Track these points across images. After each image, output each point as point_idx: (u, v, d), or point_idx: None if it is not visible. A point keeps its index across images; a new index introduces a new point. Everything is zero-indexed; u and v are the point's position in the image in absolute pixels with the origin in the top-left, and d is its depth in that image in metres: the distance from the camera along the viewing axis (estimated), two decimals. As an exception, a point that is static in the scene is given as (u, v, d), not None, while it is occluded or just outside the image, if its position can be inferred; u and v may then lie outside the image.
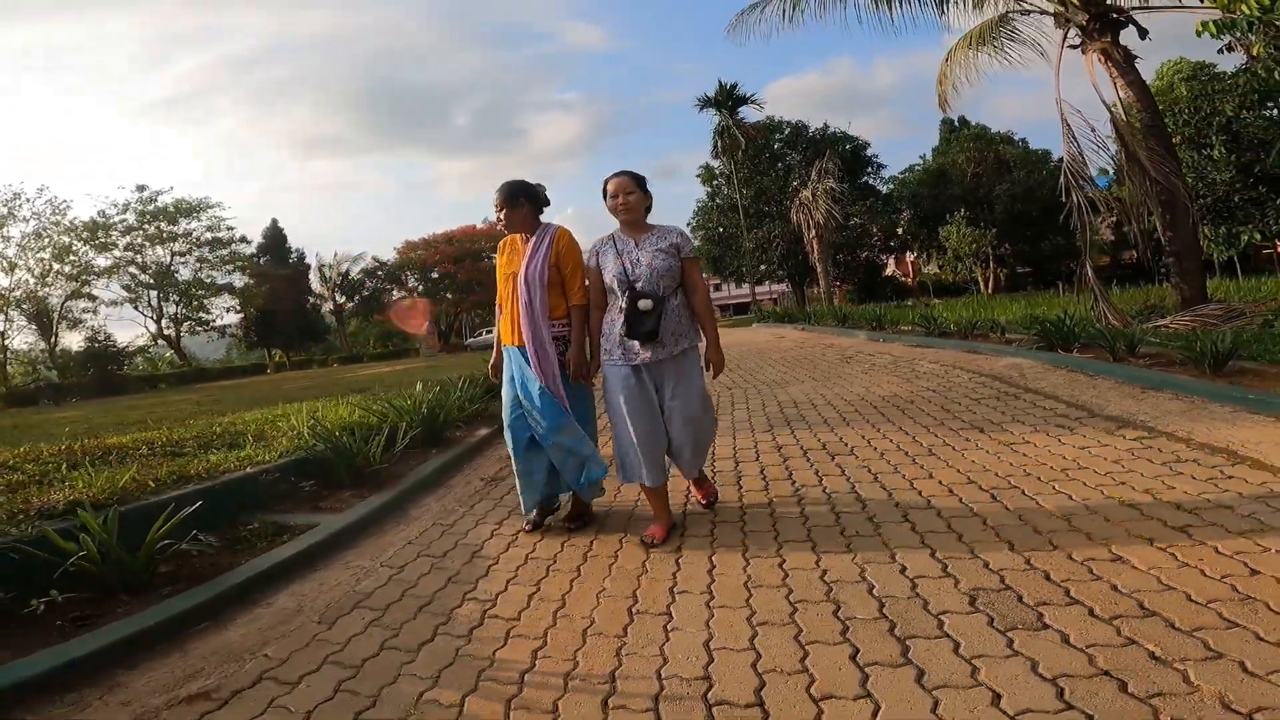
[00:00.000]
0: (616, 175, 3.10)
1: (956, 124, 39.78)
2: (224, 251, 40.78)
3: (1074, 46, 9.53)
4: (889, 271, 41.68)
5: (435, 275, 51.38)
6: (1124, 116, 8.83)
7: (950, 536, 2.72)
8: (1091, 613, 2.03)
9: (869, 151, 37.67)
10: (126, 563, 2.74)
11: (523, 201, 3.18)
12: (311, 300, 49.94)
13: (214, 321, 41.70)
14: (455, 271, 49.41)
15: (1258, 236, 11.59)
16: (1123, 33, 9.18)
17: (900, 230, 35.73)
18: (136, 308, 38.81)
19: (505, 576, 2.83)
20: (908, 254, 41.22)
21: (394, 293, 54.32)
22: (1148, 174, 8.43)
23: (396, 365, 26.12)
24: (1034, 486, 3.20)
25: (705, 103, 33.39)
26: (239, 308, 42.56)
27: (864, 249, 36.47)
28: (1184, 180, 8.93)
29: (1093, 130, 8.88)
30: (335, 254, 50.10)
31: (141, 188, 36.95)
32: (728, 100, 32.68)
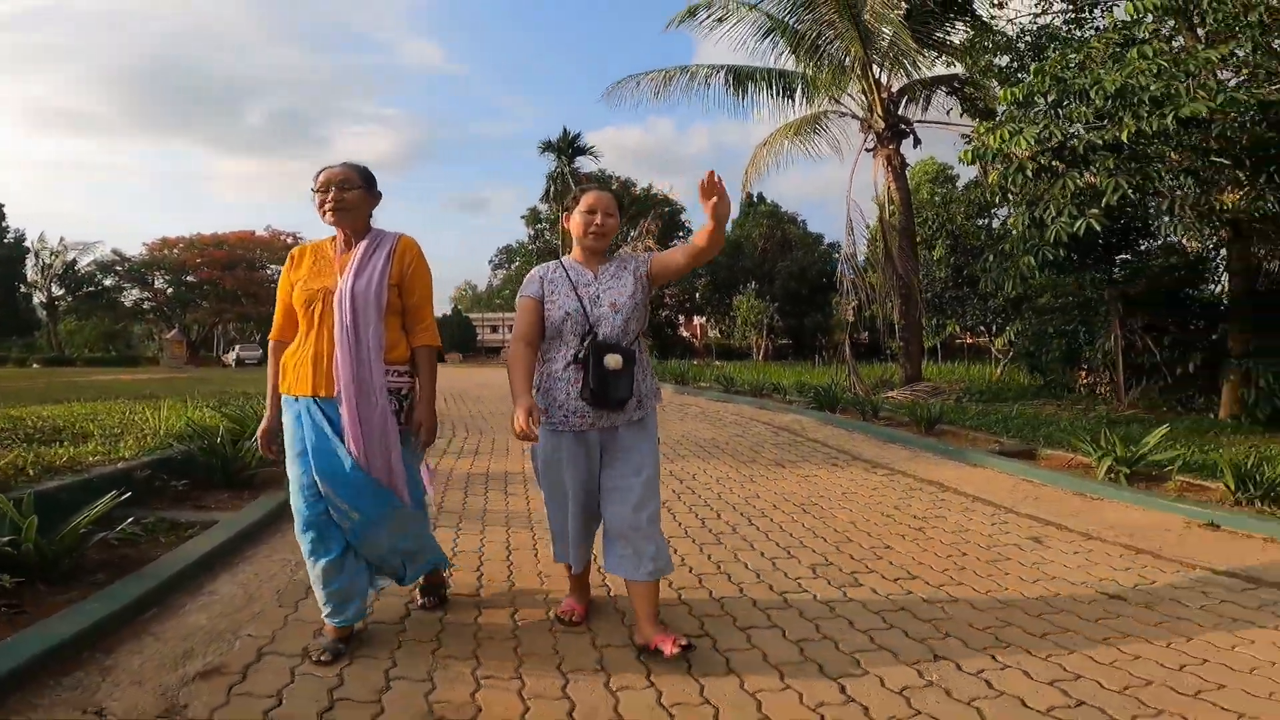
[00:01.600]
0: (597, 190, 2.43)
1: (756, 199, 45.52)
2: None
3: (868, 150, 11.93)
4: (682, 331, 45.56)
5: (191, 279, 45.45)
6: (889, 217, 11.44)
7: (783, 534, 3.78)
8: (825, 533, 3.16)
9: (683, 216, 41.53)
10: (45, 550, 2.71)
11: (376, 193, 2.34)
12: (23, 289, 41.19)
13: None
14: (221, 279, 44.12)
15: (957, 328, 15.42)
16: (904, 142, 11.76)
17: (697, 295, 39.64)
18: None
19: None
20: (697, 318, 45.58)
21: (135, 292, 46.89)
22: (895, 268, 11.02)
23: (137, 373, 22.76)
24: (826, 504, 4.44)
25: (546, 146, 34.46)
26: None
27: (664, 309, 39.72)
28: (918, 276, 11.75)
29: (866, 226, 11.40)
30: (62, 239, 42.05)
31: None
32: (568, 148, 34.07)
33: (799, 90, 12.19)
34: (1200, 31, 6.24)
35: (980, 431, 6.60)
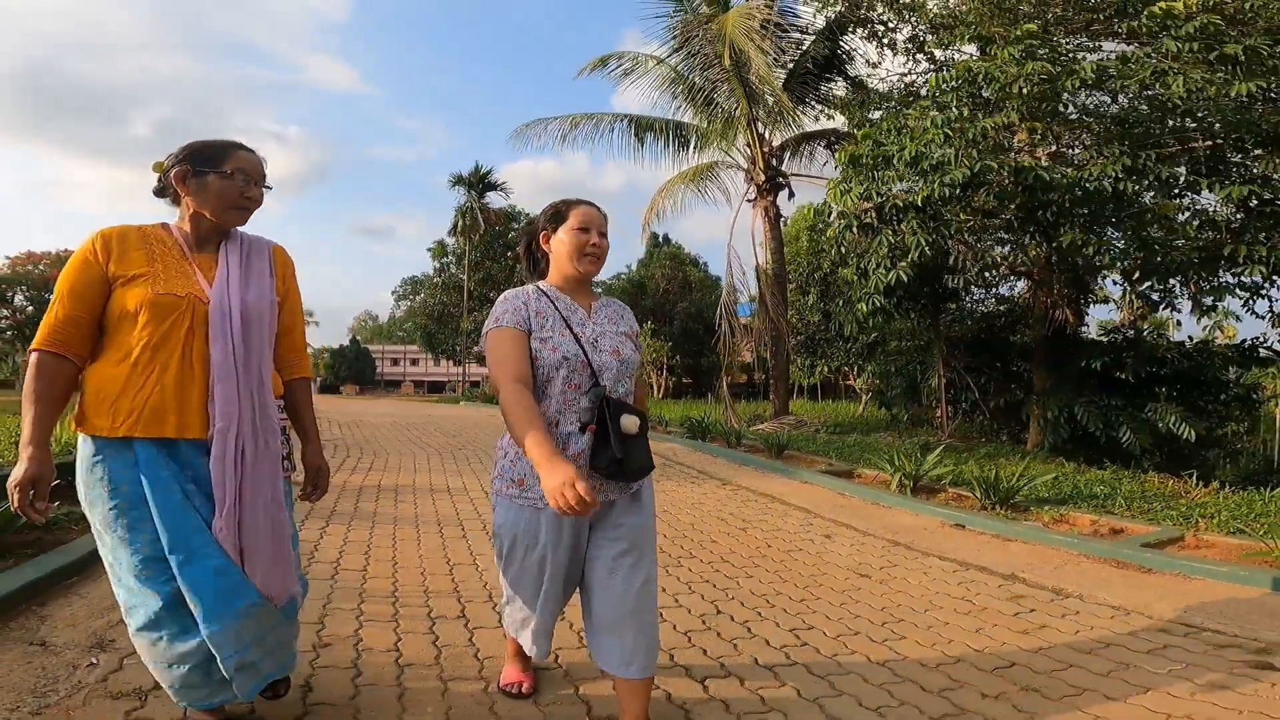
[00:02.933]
0: (587, 204, 1.99)
1: (661, 240, 47.24)
2: None
3: (749, 200, 13.19)
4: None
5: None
6: (765, 265, 12.75)
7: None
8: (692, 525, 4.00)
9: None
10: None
11: (225, 170, 1.78)
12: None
13: None
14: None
15: (826, 369, 17.10)
16: (781, 194, 13.13)
17: (596, 334, 40.53)
18: None
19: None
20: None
21: (-7, 310, 42.69)
22: (768, 311, 12.30)
23: None
24: (675, 510, 5.29)
25: (457, 180, 34.61)
26: None
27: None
28: (787, 320, 13.11)
29: (744, 273, 12.68)
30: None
31: None
32: (479, 183, 34.37)
33: (693, 141, 13.50)
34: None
35: (819, 456, 7.74)
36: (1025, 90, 6.21)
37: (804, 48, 12.60)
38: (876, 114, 10.68)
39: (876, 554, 4.20)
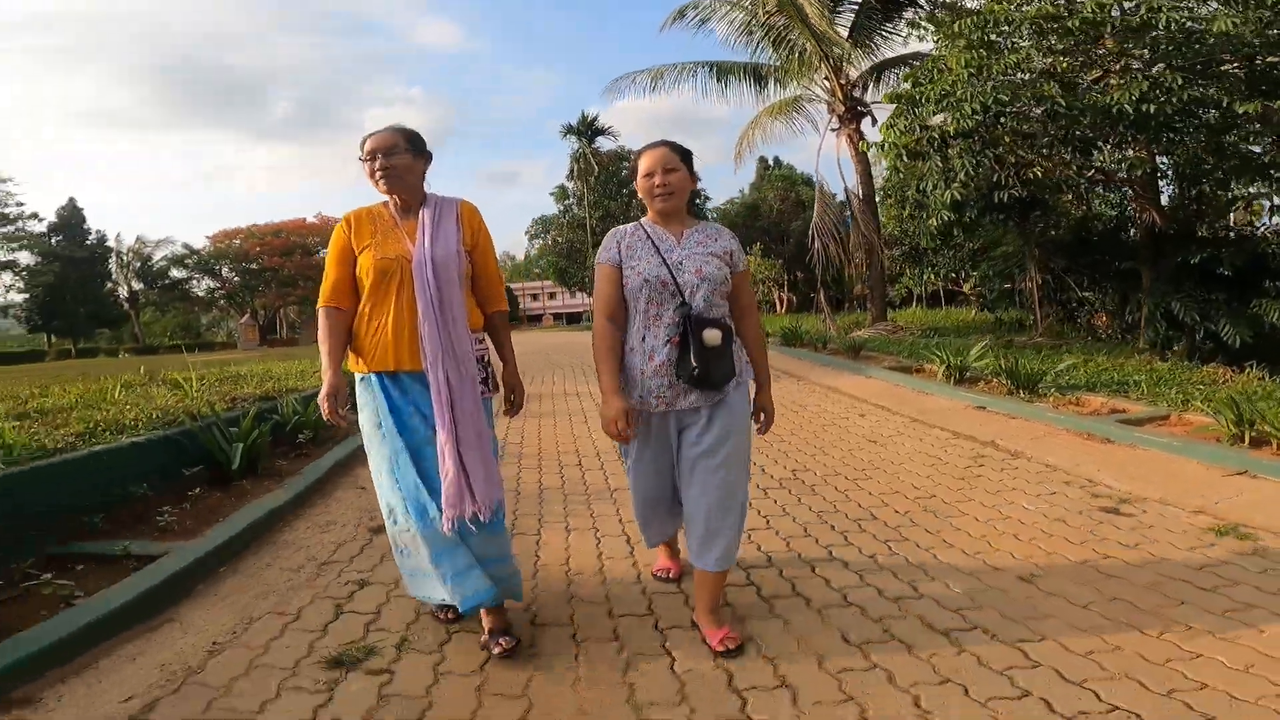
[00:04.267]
0: (650, 148, 2.20)
1: (772, 163, 46.64)
2: (9, 228, 36.70)
3: (833, 130, 13.85)
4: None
5: (254, 267, 49.24)
6: (854, 188, 13.33)
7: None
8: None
9: (700, 186, 42.96)
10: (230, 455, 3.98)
11: (426, 154, 2.22)
12: (109, 285, 45.57)
13: (-4, 302, 37.44)
14: (281, 265, 47.70)
15: (934, 277, 17.14)
16: (865, 121, 13.61)
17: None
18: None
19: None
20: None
21: (206, 282, 51.09)
22: (860, 229, 12.93)
23: (228, 355, 25.89)
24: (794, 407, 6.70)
25: (568, 130, 36.80)
26: (22, 287, 38.31)
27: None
28: (879, 236, 13.63)
29: (835, 198, 13.34)
30: (137, 238, 46.04)
31: None
32: (587, 130, 36.33)
33: (770, 80, 14.01)
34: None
35: (890, 355, 8.72)
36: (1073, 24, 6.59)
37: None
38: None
39: (892, 428, 5.38)
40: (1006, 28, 6.94)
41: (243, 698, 1.91)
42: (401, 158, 2.10)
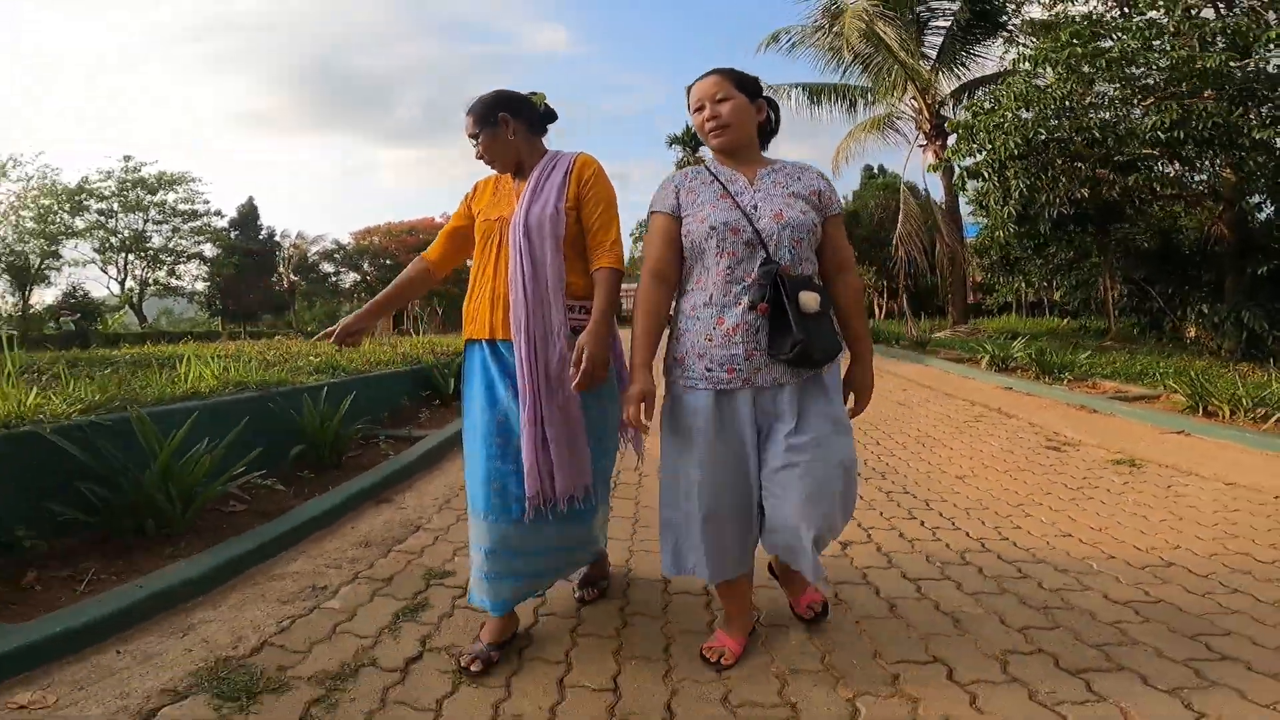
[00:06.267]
0: (702, 79, 1.82)
1: (876, 171, 46.50)
2: (197, 223, 43.43)
3: (920, 146, 14.94)
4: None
5: (388, 263, 54.66)
6: (942, 201, 14.31)
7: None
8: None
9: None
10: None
11: (506, 119, 1.95)
12: (276, 275, 52.27)
13: (184, 288, 44.34)
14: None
15: (1025, 287, 17.44)
16: (953, 137, 14.46)
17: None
18: (105, 270, 41.09)
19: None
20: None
21: (351, 276, 57.26)
22: (944, 239, 13.88)
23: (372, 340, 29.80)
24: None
25: (672, 140, 38.97)
26: (207, 276, 45.10)
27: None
28: (962, 245, 14.48)
29: (919, 210, 14.37)
30: (298, 234, 52.46)
31: (127, 158, 39.23)
32: (691, 140, 38.28)
33: (858, 101, 15.20)
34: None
35: (954, 350, 9.87)
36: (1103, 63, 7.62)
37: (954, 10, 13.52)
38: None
39: (922, 397, 6.74)
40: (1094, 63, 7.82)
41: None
42: (484, 134, 1.94)
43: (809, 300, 1.63)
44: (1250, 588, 2.30)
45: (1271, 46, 7.02)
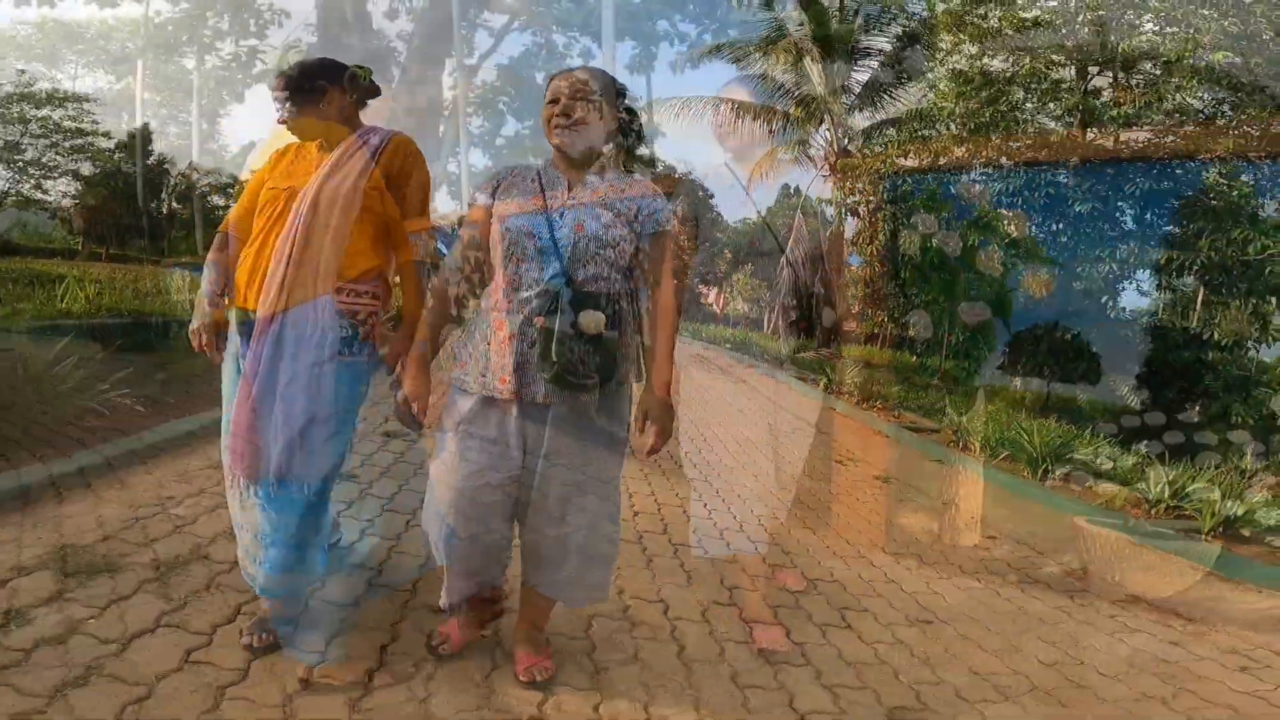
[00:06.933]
0: (563, 74, 1.72)
1: (792, 190, 48.94)
2: (80, 141, 39.81)
3: (824, 176, 16.38)
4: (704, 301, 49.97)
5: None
6: (834, 228, 15.79)
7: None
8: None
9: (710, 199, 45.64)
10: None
11: (323, 87, 1.85)
12: (157, 202, 48.40)
13: (50, 203, 40.45)
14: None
15: (886, 319, 19.67)
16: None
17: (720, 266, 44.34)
18: (-45, 177, 36.92)
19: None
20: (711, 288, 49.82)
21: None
22: (824, 266, 15.31)
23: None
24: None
25: None
26: (76, 195, 41.45)
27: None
28: (838, 274, 16.01)
29: (809, 236, 15.80)
30: (189, 163, 48.63)
31: (21, 71, 35.48)
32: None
33: (784, 124, 16.57)
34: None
35: (807, 370, 11.15)
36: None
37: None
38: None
39: (757, 405, 7.73)
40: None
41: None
42: (298, 100, 1.84)
43: (589, 321, 1.54)
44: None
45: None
